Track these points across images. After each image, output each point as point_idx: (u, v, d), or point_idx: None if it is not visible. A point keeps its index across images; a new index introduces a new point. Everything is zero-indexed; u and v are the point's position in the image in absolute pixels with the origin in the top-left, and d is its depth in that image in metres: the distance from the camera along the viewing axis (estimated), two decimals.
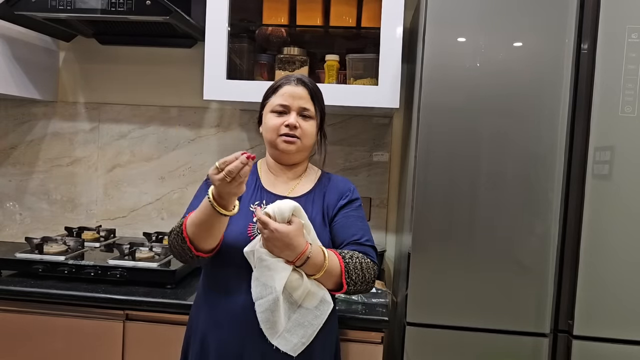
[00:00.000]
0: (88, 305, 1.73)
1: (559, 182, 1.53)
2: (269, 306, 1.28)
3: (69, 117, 2.39)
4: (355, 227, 1.46)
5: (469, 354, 1.57)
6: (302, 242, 1.30)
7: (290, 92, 1.45)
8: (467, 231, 1.56)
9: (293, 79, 1.47)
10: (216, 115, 2.33)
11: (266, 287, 1.29)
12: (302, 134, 1.45)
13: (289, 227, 1.29)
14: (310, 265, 1.32)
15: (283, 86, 1.47)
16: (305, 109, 1.46)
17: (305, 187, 1.51)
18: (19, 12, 1.88)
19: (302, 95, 1.45)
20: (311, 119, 1.47)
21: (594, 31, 1.50)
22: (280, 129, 1.44)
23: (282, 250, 1.29)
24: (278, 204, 1.32)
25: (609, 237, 1.52)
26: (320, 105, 1.50)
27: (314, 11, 1.99)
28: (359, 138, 2.26)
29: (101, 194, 2.38)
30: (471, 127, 1.54)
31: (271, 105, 1.47)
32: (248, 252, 1.33)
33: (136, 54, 2.34)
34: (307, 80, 1.48)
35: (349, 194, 1.50)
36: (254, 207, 1.43)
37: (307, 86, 1.47)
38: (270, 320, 1.29)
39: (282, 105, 1.45)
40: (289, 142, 1.44)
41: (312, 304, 1.33)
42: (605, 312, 1.52)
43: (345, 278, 1.36)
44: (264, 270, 1.30)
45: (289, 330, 1.32)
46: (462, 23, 1.54)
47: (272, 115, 1.46)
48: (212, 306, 1.40)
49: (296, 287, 1.31)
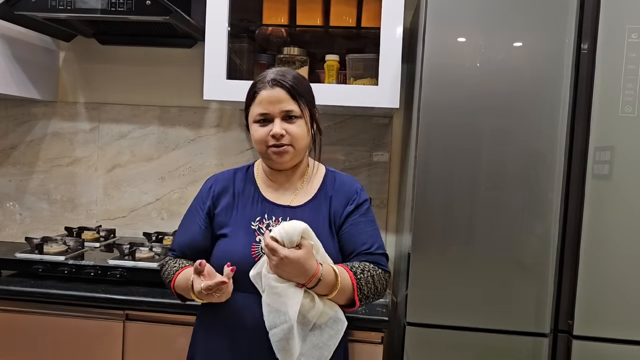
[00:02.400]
0: (88, 305, 1.73)
1: (559, 182, 1.53)
2: (284, 335, 1.22)
3: (69, 117, 2.38)
4: (365, 234, 1.38)
5: (469, 354, 1.57)
6: (314, 264, 1.23)
7: (267, 97, 1.33)
8: (467, 231, 1.56)
9: (267, 80, 1.34)
10: (216, 115, 2.33)
11: (279, 315, 1.22)
12: (291, 139, 1.33)
13: (300, 253, 1.20)
14: (322, 287, 1.25)
15: (259, 92, 1.34)
16: (289, 111, 1.33)
17: (308, 192, 1.42)
18: (19, 12, 1.88)
19: (281, 98, 1.32)
20: (298, 119, 1.34)
21: (594, 31, 1.50)
22: (267, 140, 1.33)
23: (293, 275, 1.22)
24: (285, 227, 1.22)
25: (609, 237, 1.52)
26: (306, 99, 1.36)
27: (314, 11, 1.99)
28: (359, 138, 2.25)
29: (101, 194, 2.38)
30: (471, 127, 1.54)
31: (252, 115, 1.36)
32: (254, 276, 1.27)
33: (136, 54, 2.34)
34: (281, 78, 1.33)
35: (356, 197, 1.41)
36: (255, 225, 1.37)
37: (284, 85, 1.32)
38: (286, 348, 1.23)
39: (262, 114, 1.34)
40: (280, 153, 1.34)
41: (326, 324, 1.29)
42: (605, 312, 1.52)
43: (357, 294, 1.31)
44: (275, 297, 1.23)
45: (305, 354, 1.26)
46: (462, 23, 1.54)
47: (256, 126, 1.35)
48: (219, 329, 1.36)
49: (309, 309, 1.25)
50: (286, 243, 1.21)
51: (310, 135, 1.39)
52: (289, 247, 1.21)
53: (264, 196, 1.41)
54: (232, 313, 1.33)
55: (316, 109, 1.42)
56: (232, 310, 1.33)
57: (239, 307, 1.32)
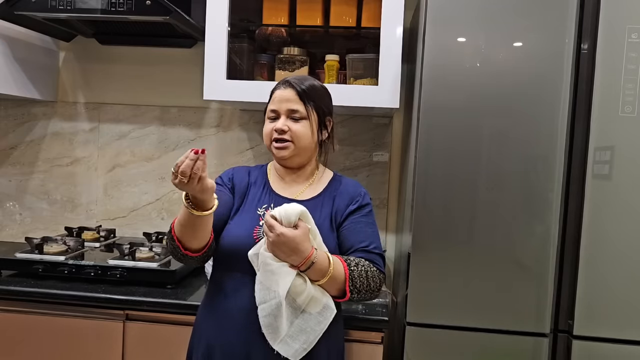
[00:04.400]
0: (88, 305, 1.72)
1: (559, 182, 1.53)
2: (271, 311, 1.28)
3: (68, 117, 2.39)
4: (363, 233, 1.44)
5: (469, 354, 1.57)
6: (308, 247, 1.29)
7: (279, 96, 1.44)
8: (467, 231, 1.56)
9: (284, 83, 1.46)
10: (216, 115, 2.33)
11: (269, 292, 1.28)
12: (293, 136, 1.42)
13: (295, 232, 1.27)
14: (314, 271, 1.30)
15: (275, 91, 1.47)
16: (294, 111, 1.43)
17: (314, 190, 1.49)
18: (19, 12, 1.88)
19: (289, 98, 1.43)
20: (303, 120, 1.43)
21: (594, 31, 1.50)
22: (272, 134, 1.44)
23: (287, 254, 1.28)
24: (285, 207, 1.30)
25: (609, 237, 1.52)
26: (316, 104, 1.45)
27: (314, 11, 1.99)
28: (359, 138, 2.26)
29: (101, 194, 2.38)
30: (471, 127, 1.54)
31: (267, 112, 1.48)
32: (252, 255, 1.33)
33: (136, 54, 2.34)
34: (295, 81, 1.45)
35: (360, 199, 1.48)
36: (261, 211, 1.43)
37: (294, 87, 1.43)
38: (273, 325, 1.29)
39: (272, 110, 1.45)
40: (281, 148, 1.43)
41: (315, 310, 1.32)
42: (605, 312, 1.52)
43: (349, 286, 1.34)
44: (268, 275, 1.29)
45: (291, 335, 1.30)
46: (462, 23, 1.54)
47: (267, 122, 1.47)
48: (217, 310, 1.40)
49: (300, 292, 1.30)
50: (284, 222, 1.28)
51: (315, 138, 1.47)
52: (287, 227, 1.27)
53: (272, 189, 1.49)
54: (231, 293, 1.38)
55: (329, 118, 1.51)
56: (231, 289, 1.38)
57: (238, 287, 1.37)
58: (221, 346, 1.37)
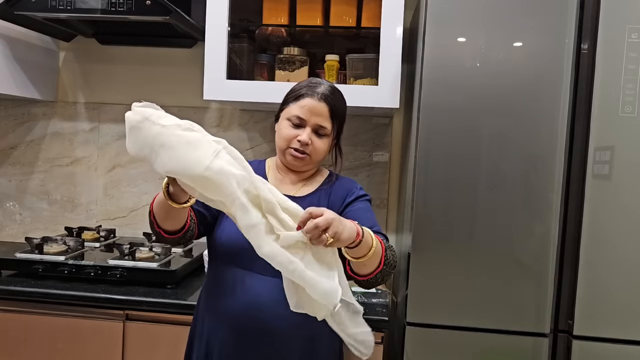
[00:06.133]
0: (88, 305, 1.72)
1: (559, 182, 1.53)
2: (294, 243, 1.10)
3: (68, 117, 2.38)
4: (365, 218, 1.38)
5: (469, 354, 1.57)
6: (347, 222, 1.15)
7: (310, 106, 1.39)
8: (467, 231, 1.56)
9: (318, 93, 1.40)
10: (216, 115, 2.33)
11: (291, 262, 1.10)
12: (312, 150, 1.41)
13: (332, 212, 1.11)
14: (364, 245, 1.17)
15: (305, 97, 1.40)
16: (322, 127, 1.40)
17: (310, 187, 1.49)
18: (19, 12, 1.88)
19: (322, 112, 1.40)
20: (326, 137, 1.42)
21: (594, 31, 1.50)
22: (292, 142, 1.40)
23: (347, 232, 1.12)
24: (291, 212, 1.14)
25: (608, 237, 1.52)
26: (340, 122, 1.46)
27: (314, 11, 1.99)
28: (359, 138, 2.26)
29: (101, 194, 2.38)
30: (471, 127, 1.54)
31: (289, 113, 1.42)
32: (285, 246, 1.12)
33: (136, 54, 2.34)
34: (331, 95, 1.41)
35: (356, 191, 1.47)
36: None
37: (330, 104, 1.40)
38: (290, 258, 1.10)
39: (299, 117, 1.40)
40: (298, 158, 1.41)
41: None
42: (605, 312, 1.52)
43: (384, 257, 1.24)
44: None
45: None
46: (462, 23, 1.54)
47: (287, 124, 1.41)
48: (215, 307, 1.40)
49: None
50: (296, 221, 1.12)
51: (328, 152, 1.48)
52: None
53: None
54: (228, 289, 1.37)
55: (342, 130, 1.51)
56: (229, 285, 1.37)
57: (235, 283, 1.36)
58: (220, 343, 1.37)
